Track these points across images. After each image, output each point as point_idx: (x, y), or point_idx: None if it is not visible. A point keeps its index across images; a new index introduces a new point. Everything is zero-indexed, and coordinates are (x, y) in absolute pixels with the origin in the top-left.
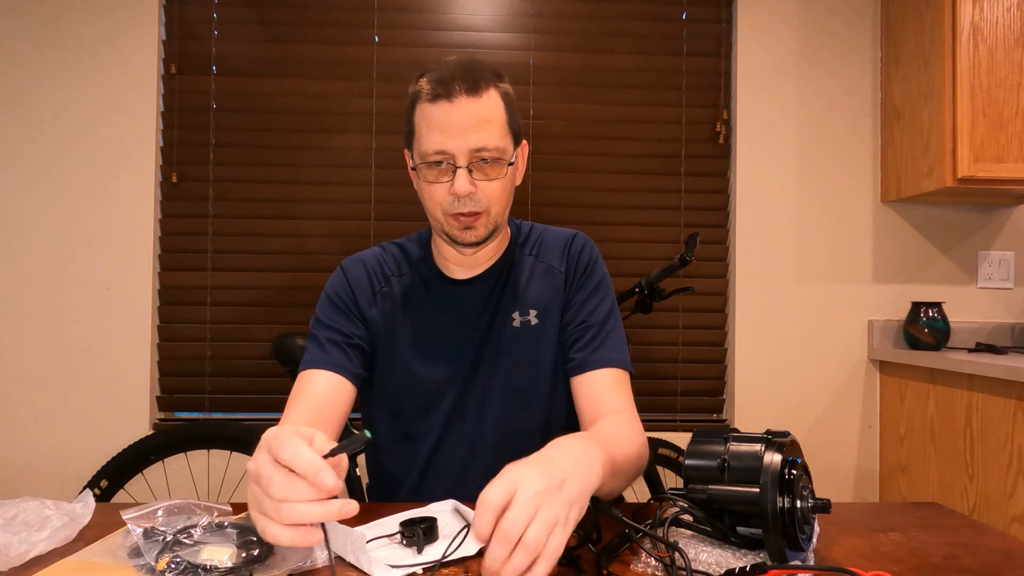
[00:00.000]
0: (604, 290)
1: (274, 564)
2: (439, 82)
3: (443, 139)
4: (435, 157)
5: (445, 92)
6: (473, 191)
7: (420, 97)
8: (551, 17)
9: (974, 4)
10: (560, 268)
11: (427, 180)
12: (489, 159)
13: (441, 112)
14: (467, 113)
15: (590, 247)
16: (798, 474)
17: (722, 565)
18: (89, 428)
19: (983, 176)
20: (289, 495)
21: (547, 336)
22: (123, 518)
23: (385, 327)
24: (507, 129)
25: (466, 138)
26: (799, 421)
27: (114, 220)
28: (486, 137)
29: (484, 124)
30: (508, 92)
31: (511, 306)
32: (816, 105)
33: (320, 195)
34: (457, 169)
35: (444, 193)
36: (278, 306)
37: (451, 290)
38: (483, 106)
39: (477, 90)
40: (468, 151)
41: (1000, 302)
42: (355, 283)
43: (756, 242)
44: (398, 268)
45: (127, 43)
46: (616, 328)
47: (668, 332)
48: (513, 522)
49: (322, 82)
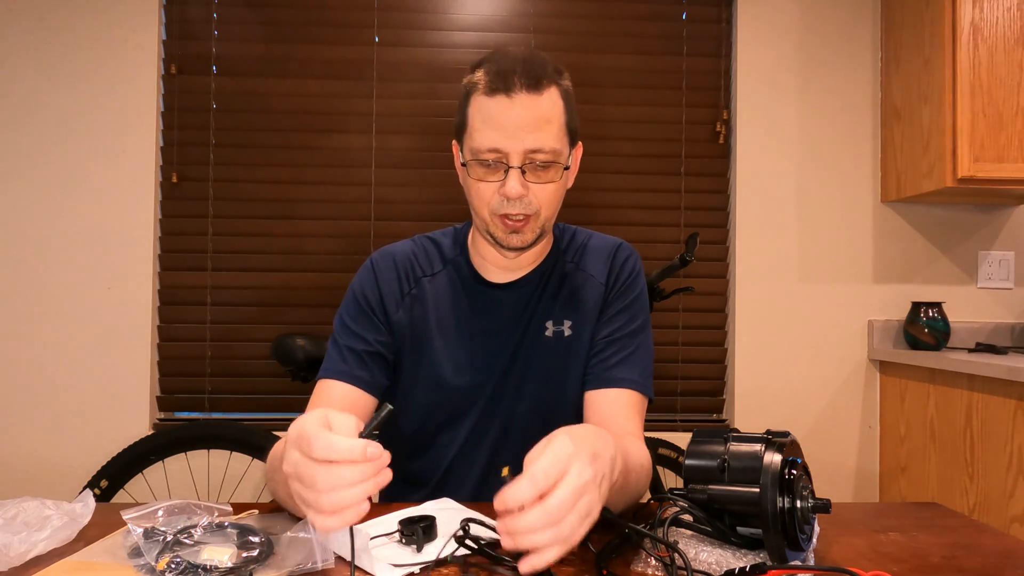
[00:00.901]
0: (639, 306)
1: (274, 564)
2: (498, 75)
3: (498, 136)
4: (488, 155)
5: (504, 86)
6: (524, 194)
7: (476, 89)
8: (551, 17)
9: (974, 4)
10: (601, 279)
11: (476, 177)
12: (544, 162)
13: (498, 107)
14: (526, 111)
15: (634, 259)
16: (798, 474)
17: (722, 565)
18: (89, 428)
19: (983, 176)
20: (336, 484)
21: (580, 348)
22: (123, 518)
23: (412, 331)
24: (565, 130)
25: (522, 138)
26: (799, 421)
27: (114, 220)
28: (543, 138)
29: (542, 124)
30: (568, 90)
31: (546, 315)
32: (816, 105)
33: (320, 195)
34: (510, 169)
35: (493, 193)
36: (278, 306)
37: (487, 294)
38: (543, 105)
39: (538, 87)
40: (523, 152)
41: (1000, 302)
42: (384, 284)
43: (756, 242)
44: (431, 266)
45: (127, 43)
46: (643, 348)
47: (668, 332)
48: (560, 505)
49: (322, 82)
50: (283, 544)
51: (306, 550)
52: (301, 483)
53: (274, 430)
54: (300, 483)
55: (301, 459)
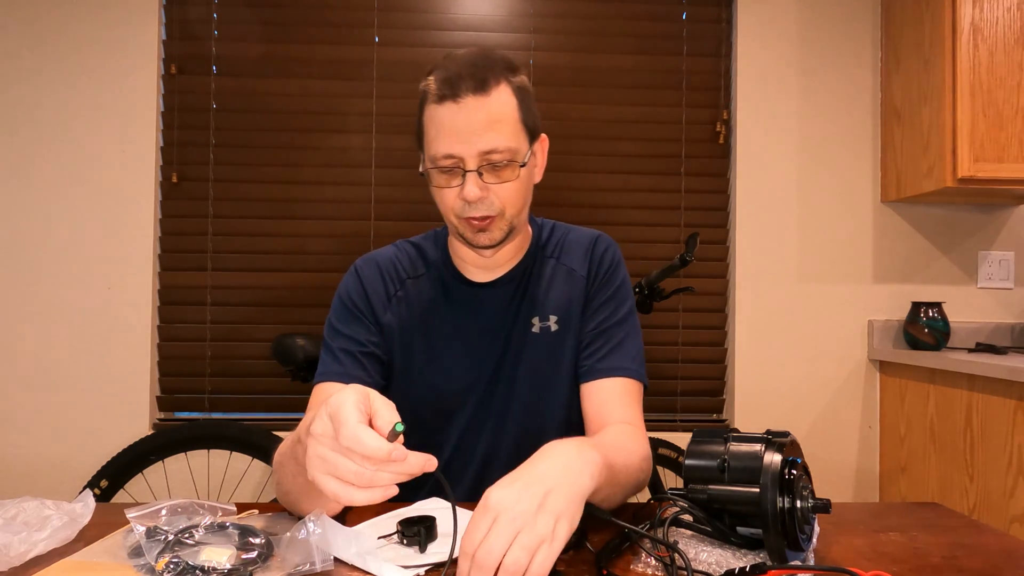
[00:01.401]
0: (623, 295)
1: (274, 566)
2: (446, 81)
3: (450, 143)
4: (444, 162)
5: (451, 92)
6: (484, 195)
7: (428, 98)
8: (551, 17)
9: (974, 4)
10: (582, 272)
11: (437, 185)
12: (500, 161)
13: (448, 114)
14: (475, 114)
15: (613, 249)
16: (798, 474)
17: (722, 565)
18: (89, 428)
19: (983, 176)
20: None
21: (567, 342)
22: (127, 516)
23: (400, 333)
24: (520, 127)
25: (475, 141)
26: (799, 421)
27: (114, 220)
28: (495, 139)
29: (494, 125)
30: (522, 85)
31: (531, 311)
32: (816, 105)
33: (320, 195)
34: (467, 173)
35: (455, 198)
36: (278, 306)
37: (471, 293)
38: (492, 106)
39: (485, 88)
40: (477, 154)
41: (1000, 302)
42: (369, 286)
43: (756, 242)
44: (413, 269)
45: (127, 43)
46: (632, 336)
47: (668, 332)
48: (489, 551)
49: (322, 82)
50: (283, 545)
51: (305, 552)
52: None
53: (274, 430)
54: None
55: (327, 436)
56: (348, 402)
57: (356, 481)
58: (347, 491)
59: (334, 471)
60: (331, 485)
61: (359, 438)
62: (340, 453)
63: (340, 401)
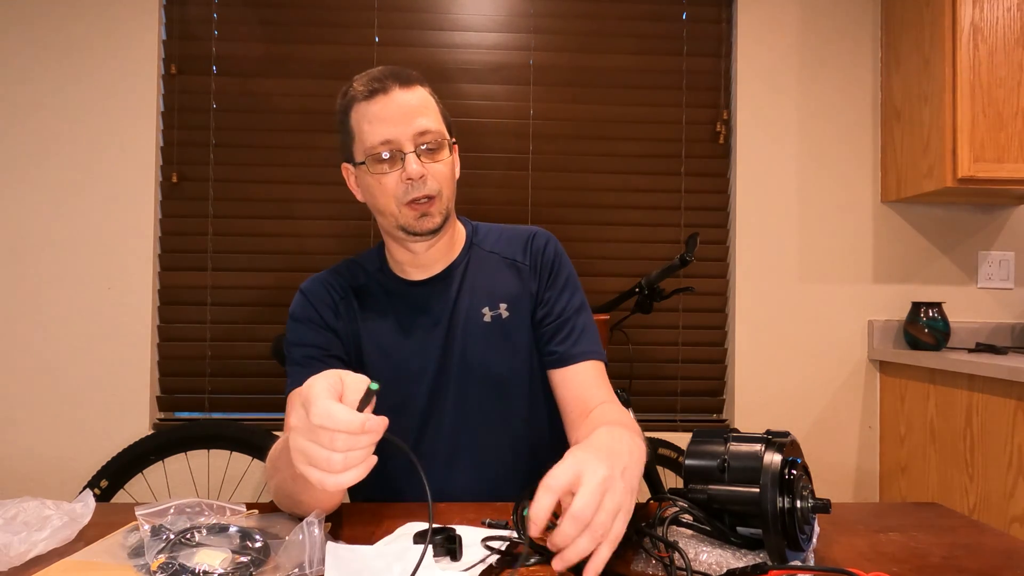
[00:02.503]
0: (573, 284)
1: (267, 570)
2: (372, 80)
3: (386, 128)
4: (381, 148)
5: (381, 87)
6: (424, 173)
7: (355, 100)
8: (551, 17)
9: (974, 4)
10: (524, 262)
11: (376, 173)
12: (432, 143)
13: (379, 106)
14: (404, 102)
15: (553, 243)
16: (798, 474)
17: (722, 565)
18: (89, 428)
19: (983, 176)
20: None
21: (520, 327)
22: (136, 515)
23: (352, 338)
24: (442, 119)
25: (408, 124)
26: (799, 421)
27: (114, 220)
28: (427, 122)
29: (422, 110)
30: (434, 94)
31: (479, 302)
32: (816, 105)
33: (320, 195)
34: (406, 155)
35: (396, 182)
36: (278, 306)
37: (411, 292)
38: (417, 96)
39: (409, 83)
40: (412, 135)
41: (1000, 302)
42: (316, 300)
43: (756, 242)
44: (354, 279)
45: (127, 43)
46: (589, 320)
47: (668, 332)
48: (584, 506)
49: (322, 82)
50: (281, 549)
51: (299, 556)
52: (308, 438)
53: (274, 430)
54: (306, 439)
55: (302, 425)
56: (317, 384)
57: (330, 468)
58: (330, 477)
59: (312, 461)
60: (314, 475)
61: (330, 414)
62: (314, 439)
63: (309, 384)
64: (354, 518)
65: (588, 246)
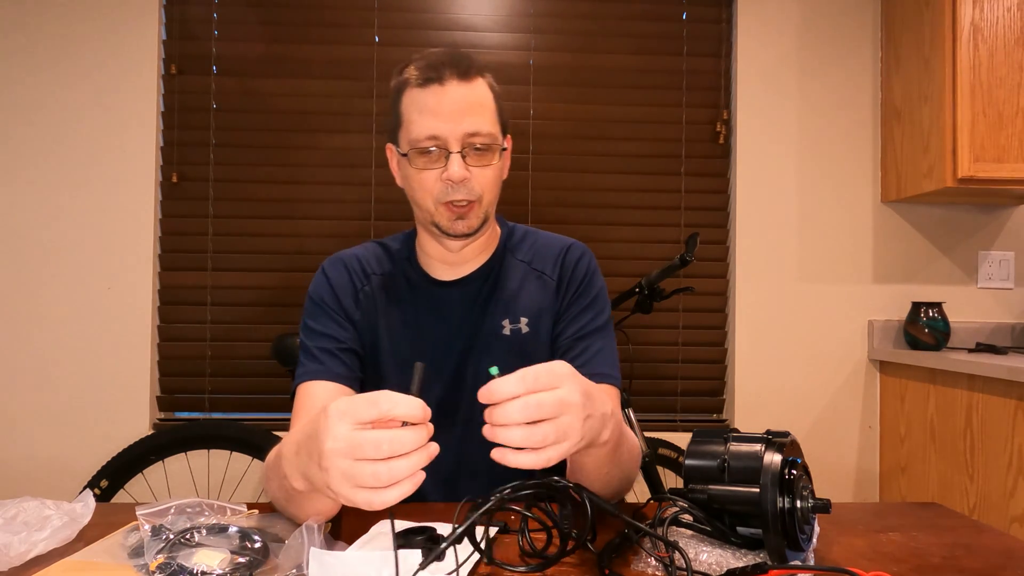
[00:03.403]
0: (601, 303)
1: (268, 571)
2: (429, 67)
3: (435, 123)
4: (427, 143)
5: (436, 76)
6: (467, 177)
7: (408, 84)
8: (551, 17)
9: (974, 4)
10: (552, 276)
11: (417, 167)
12: (482, 145)
13: (432, 96)
14: (459, 97)
15: (588, 258)
16: (798, 474)
17: (722, 565)
18: (89, 428)
19: (983, 176)
20: (397, 449)
21: (539, 344)
22: (137, 515)
23: (368, 330)
24: (497, 118)
25: (459, 122)
26: (799, 421)
27: (114, 220)
28: (479, 122)
29: (477, 108)
30: (495, 86)
31: (501, 313)
32: (816, 105)
33: (320, 195)
34: (450, 155)
35: (435, 180)
36: (278, 306)
37: (435, 292)
38: (475, 91)
39: (468, 76)
40: (461, 136)
41: (1000, 302)
42: (337, 284)
43: (756, 242)
44: (379, 266)
45: (127, 43)
46: (609, 343)
47: (668, 332)
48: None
49: (322, 82)
50: (280, 550)
51: (298, 558)
52: (357, 454)
53: (274, 430)
54: (349, 458)
55: (349, 430)
56: (357, 397)
57: (378, 483)
58: (378, 495)
59: (358, 481)
60: (362, 496)
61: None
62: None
63: (348, 401)
64: (354, 518)
65: (588, 246)
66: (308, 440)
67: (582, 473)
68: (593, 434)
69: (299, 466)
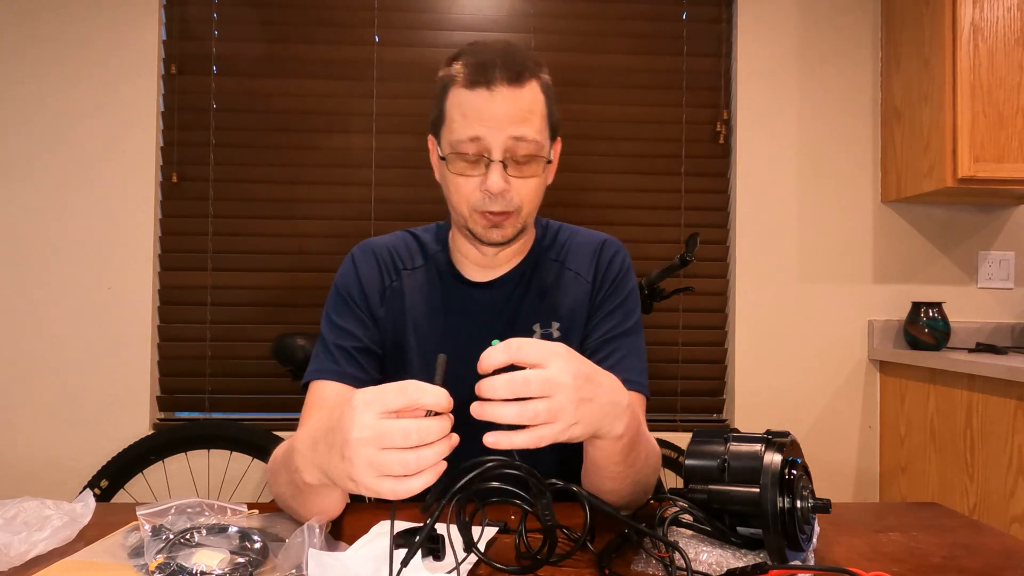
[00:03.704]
0: (632, 304)
1: (267, 571)
2: (478, 67)
3: (479, 129)
4: (468, 147)
5: (485, 79)
6: (507, 189)
7: (455, 82)
8: (551, 17)
9: (974, 4)
10: (587, 277)
11: (456, 171)
12: (525, 156)
13: (479, 100)
14: (507, 104)
15: (622, 255)
16: (798, 474)
17: (722, 565)
18: (89, 428)
19: (983, 176)
20: (424, 438)
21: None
22: (137, 515)
23: (394, 329)
24: (546, 123)
25: (504, 130)
26: (799, 421)
27: (114, 220)
28: (525, 130)
29: (526, 115)
30: (549, 84)
31: (532, 316)
32: (816, 105)
33: (320, 195)
34: (491, 163)
35: (474, 188)
36: (278, 306)
37: (467, 293)
38: (524, 97)
39: (519, 80)
40: (505, 145)
41: (1000, 302)
42: (366, 278)
43: (756, 242)
44: (411, 260)
45: (127, 43)
46: (637, 347)
47: (668, 332)
48: (525, 381)
49: (322, 82)
50: (280, 550)
51: (300, 557)
52: (384, 442)
53: (274, 430)
54: (375, 446)
55: (374, 418)
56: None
57: (405, 470)
58: (403, 484)
59: (384, 470)
60: (386, 485)
61: (421, 387)
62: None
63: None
64: (355, 518)
65: None
66: (328, 432)
67: (595, 470)
68: (595, 421)
69: (315, 459)
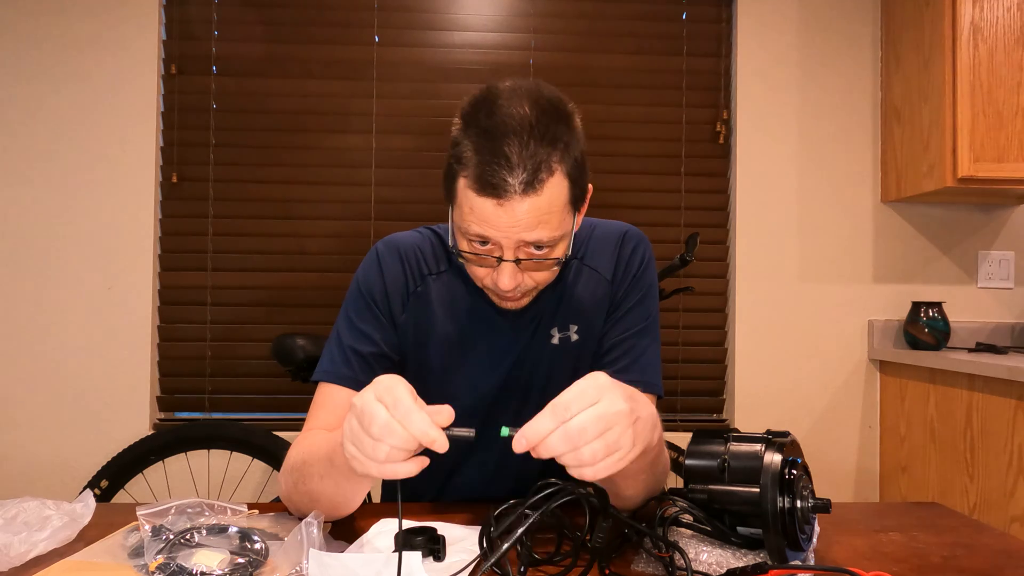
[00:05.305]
0: (651, 300)
1: (267, 571)
2: (488, 170)
3: (488, 231)
4: (477, 240)
5: (494, 189)
6: (519, 282)
7: (462, 170)
8: (551, 17)
9: (974, 4)
10: (607, 274)
11: (466, 253)
12: (542, 252)
13: (487, 208)
14: (520, 212)
15: (643, 247)
16: (798, 474)
17: (722, 565)
18: (89, 428)
19: (983, 176)
20: (385, 436)
21: (588, 352)
22: (137, 515)
23: (415, 335)
24: (568, 209)
25: (516, 235)
26: (799, 421)
27: (114, 220)
28: (540, 233)
29: (541, 218)
30: (577, 157)
31: (550, 320)
32: (816, 105)
33: (320, 195)
34: (503, 262)
35: (486, 273)
36: (278, 306)
37: (489, 303)
38: (540, 203)
39: (535, 185)
40: (518, 246)
41: (1000, 302)
42: (390, 280)
43: (756, 242)
44: (436, 265)
45: (127, 43)
46: (652, 345)
47: (668, 332)
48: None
49: (322, 82)
50: (280, 550)
51: (299, 557)
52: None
53: (274, 430)
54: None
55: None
56: (401, 385)
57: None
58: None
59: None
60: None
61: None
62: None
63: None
64: (355, 518)
65: None
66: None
67: (620, 478)
68: (646, 437)
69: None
